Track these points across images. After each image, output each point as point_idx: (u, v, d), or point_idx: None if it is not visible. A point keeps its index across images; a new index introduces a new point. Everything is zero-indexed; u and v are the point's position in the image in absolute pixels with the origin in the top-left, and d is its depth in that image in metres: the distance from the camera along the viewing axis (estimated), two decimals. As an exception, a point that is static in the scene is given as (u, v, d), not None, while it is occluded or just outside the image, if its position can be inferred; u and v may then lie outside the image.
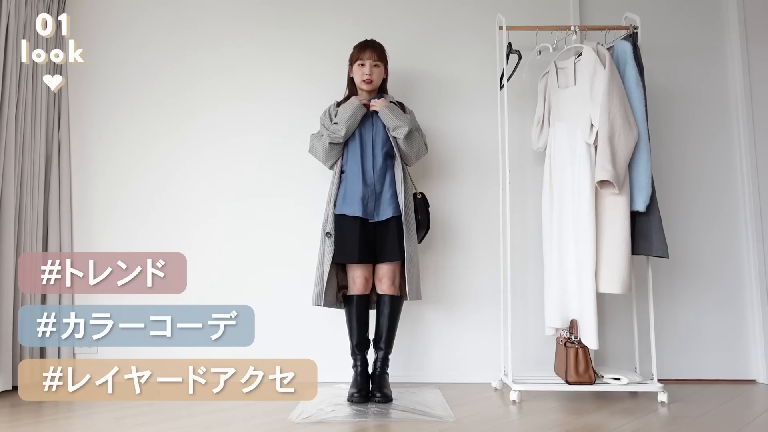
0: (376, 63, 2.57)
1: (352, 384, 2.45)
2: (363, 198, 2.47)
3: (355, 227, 2.47)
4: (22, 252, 2.63)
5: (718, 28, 3.13)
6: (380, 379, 2.45)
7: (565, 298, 2.51)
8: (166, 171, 2.96)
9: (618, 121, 2.40)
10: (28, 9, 2.74)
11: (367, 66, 2.56)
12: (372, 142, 2.55)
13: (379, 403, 2.35)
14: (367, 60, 2.56)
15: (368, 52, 2.58)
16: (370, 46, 2.60)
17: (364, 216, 2.47)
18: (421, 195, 2.64)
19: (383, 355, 2.49)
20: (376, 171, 2.51)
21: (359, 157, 2.53)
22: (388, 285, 2.49)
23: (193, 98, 2.99)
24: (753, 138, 3.01)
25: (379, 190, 2.50)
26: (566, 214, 2.54)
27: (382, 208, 2.49)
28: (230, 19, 3.05)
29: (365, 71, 2.55)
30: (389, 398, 2.38)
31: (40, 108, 2.79)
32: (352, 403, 2.36)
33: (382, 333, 2.50)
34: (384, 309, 2.50)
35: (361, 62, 2.57)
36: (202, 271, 2.89)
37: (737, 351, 2.93)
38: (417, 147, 2.59)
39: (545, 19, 2.91)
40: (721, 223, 3.00)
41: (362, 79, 2.56)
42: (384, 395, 2.38)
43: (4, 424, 2.05)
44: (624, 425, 2.07)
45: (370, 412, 2.22)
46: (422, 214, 2.61)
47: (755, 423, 2.13)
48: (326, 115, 2.65)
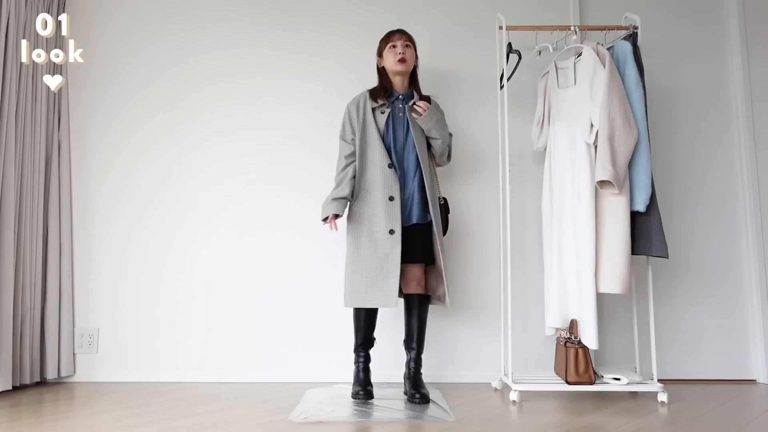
0: (407, 43, 2.56)
1: (355, 381, 2.45)
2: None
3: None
4: (22, 252, 2.63)
5: (718, 28, 3.13)
6: (416, 379, 2.44)
7: (565, 298, 2.51)
8: (167, 171, 2.96)
9: (618, 121, 2.40)
10: (28, 9, 2.73)
11: (399, 46, 2.53)
12: (404, 145, 2.52)
13: (419, 403, 2.33)
14: (398, 41, 2.54)
15: (398, 34, 2.57)
16: (399, 30, 2.60)
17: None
18: (443, 200, 2.61)
19: (416, 355, 2.48)
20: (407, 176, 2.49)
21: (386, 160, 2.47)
22: (415, 285, 2.48)
23: (194, 99, 2.99)
24: (753, 138, 3.01)
25: (409, 195, 2.48)
26: (566, 214, 2.54)
27: (409, 213, 2.46)
28: (231, 20, 3.05)
29: (398, 50, 2.52)
30: (427, 398, 2.36)
31: (40, 108, 2.79)
32: (357, 400, 2.36)
33: (413, 332, 2.49)
34: (413, 309, 2.49)
35: (393, 44, 2.55)
36: (202, 271, 2.90)
37: (737, 351, 2.93)
38: (445, 157, 2.63)
39: (545, 19, 2.91)
40: (721, 223, 3.00)
41: (396, 59, 2.52)
42: (422, 395, 2.36)
43: (4, 424, 2.05)
44: (624, 425, 2.06)
45: (371, 412, 2.22)
46: (442, 219, 2.58)
47: (755, 423, 2.12)
48: (348, 117, 2.55)
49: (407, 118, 2.52)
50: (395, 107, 2.55)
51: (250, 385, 2.72)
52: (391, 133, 2.51)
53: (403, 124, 2.53)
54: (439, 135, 2.51)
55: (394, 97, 2.56)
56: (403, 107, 2.54)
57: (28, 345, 2.63)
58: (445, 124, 2.58)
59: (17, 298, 2.59)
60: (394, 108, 2.55)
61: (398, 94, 2.57)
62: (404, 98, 2.56)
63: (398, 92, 2.57)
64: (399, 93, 2.57)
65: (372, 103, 2.54)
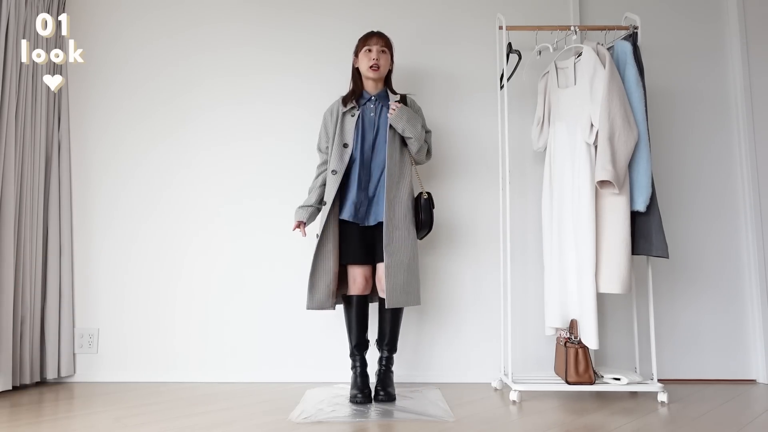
0: (383, 49, 2.56)
1: (353, 385, 2.44)
2: (356, 204, 2.46)
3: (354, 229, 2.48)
4: (22, 252, 2.63)
5: (718, 28, 3.13)
6: (384, 378, 2.45)
7: (565, 298, 2.51)
8: (167, 171, 2.96)
9: (618, 121, 2.40)
10: (28, 9, 2.73)
11: (374, 51, 2.53)
12: (374, 144, 2.52)
13: (382, 401, 2.36)
14: (374, 46, 2.54)
15: (375, 38, 2.57)
16: (377, 34, 2.60)
17: (355, 221, 2.47)
18: (427, 195, 2.55)
19: (387, 355, 2.50)
20: (372, 176, 2.50)
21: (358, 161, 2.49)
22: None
23: (193, 99, 2.99)
24: (753, 138, 3.01)
25: (372, 195, 2.49)
26: (566, 214, 2.54)
27: (375, 212, 2.48)
28: (231, 20, 3.05)
29: (372, 56, 2.53)
30: (393, 397, 2.39)
31: (40, 108, 2.79)
32: (355, 404, 2.36)
33: (386, 333, 2.50)
34: (387, 310, 2.46)
35: (368, 48, 2.55)
36: (202, 271, 2.90)
37: (737, 351, 2.93)
38: (423, 154, 2.61)
39: (545, 19, 2.91)
40: (721, 223, 3.00)
41: (369, 66, 2.53)
42: (388, 394, 2.39)
43: (4, 424, 2.05)
44: (624, 425, 2.06)
45: (371, 412, 2.22)
46: (426, 214, 2.53)
47: (755, 423, 2.12)
48: (323, 126, 2.62)
49: (378, 119, 2.54)
50: (366, 108, 2.56)
51: (250, 385, 2.72)
52: (360, 135, 2.52)
53: (373, 124, 2.54)
54: (411, 134, 2.50)
55: (365, 99, 2.58)
56: (375, 107, 2.56)
57: (28, 345, 2.63)
58: (418, 122, 2.54)
59: (17, 298, 2.59)
60: (365, 109, 2.56)
61: (369, 95, 2.58)
62: (376, 99, 2.57)
63: (370, 93, 2.58)
64: (371, 94, 2.58)
65: (342, 108, 2.56)
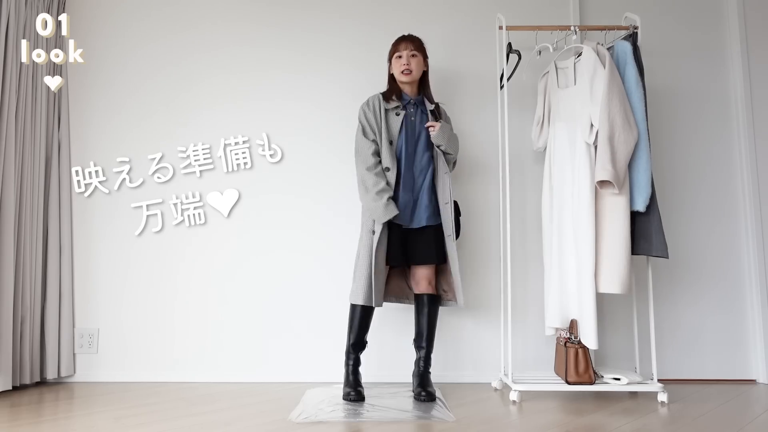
0: (413, 53, 2.58)
1: (346, 383, 2.45)
2: (403, 205, 2.48)
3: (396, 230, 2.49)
4: (22, 252, 2.63)
5: (718, 28, 3.13)
6: (424, 378, 2.47)
7: (565, 298, 2.51)
8: (167, 171, 2.96)
9: (618, 121, 2.40)
10: (28, 9, 2.73)
11: (404, 56, 2.56)
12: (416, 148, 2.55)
13: (425, 401, 2.36)
14: (403, 51, 2.57)
15: (404, 43, 2.59)
16: (407, 38, 2.62)
17: (400, 222, 2.48)
18: (454, 203, 2.60)
19: (425, 354, 2.51)
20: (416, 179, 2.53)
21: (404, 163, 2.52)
22: (426, 285, 2.52)
23: (193, 99, 2.99)
24: (753, 138, 3.01)
25: (416, 198, 2.52)
26: (566, 214, 2.54)
27: (418, 215, 2.50)
28: (231, 19, 3.05)
29: (403, 62, 2.56)
30: (434, 397, 2.39)
31: (40, 108, 2.79)
32: (348, 402, 2.36)
33: (423, 332, 2.52)
34: (423, 308, 2.52)
35: (399, 54, 2.59)
36: (201, 271, 2.90)
37: (737, 351, 2.93)
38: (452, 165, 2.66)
39: (545, 19, 2.91)
40: (721, 223, 3.00)
41: (401, 71, 2.56)
42: (429, 393, 2.39)
43: (4, 424, 2.05)
44: (624, 425, 2.06)
45: (371, 412, 2.21)
46: (456, 223, 2.60)
47: (755, 423, 2.12)
48: (364, 117, 2.57)
49: (419, 122, 2.57)
50: (407, 110, 2.59)
51: (250, 385, 2.72)
52: (405, 136, 2.55)
53: (414, 126, 2.57)
54: (452, 151, 2.59)
55: (405, 100, 2.60)
56: (414, 112, 2.58)
57: (28, 345, 2.63)
58: (456, 140, 2.62)
59: (17, 298, 2.59)
60: (406, 111, 2.58)
61: (409, 98, 2.61)
62: (415, 103, 2.61)
63: (409, 97, 2.61)
64: (410, 98, 2.61)
65: (386, 105, 2.57)
